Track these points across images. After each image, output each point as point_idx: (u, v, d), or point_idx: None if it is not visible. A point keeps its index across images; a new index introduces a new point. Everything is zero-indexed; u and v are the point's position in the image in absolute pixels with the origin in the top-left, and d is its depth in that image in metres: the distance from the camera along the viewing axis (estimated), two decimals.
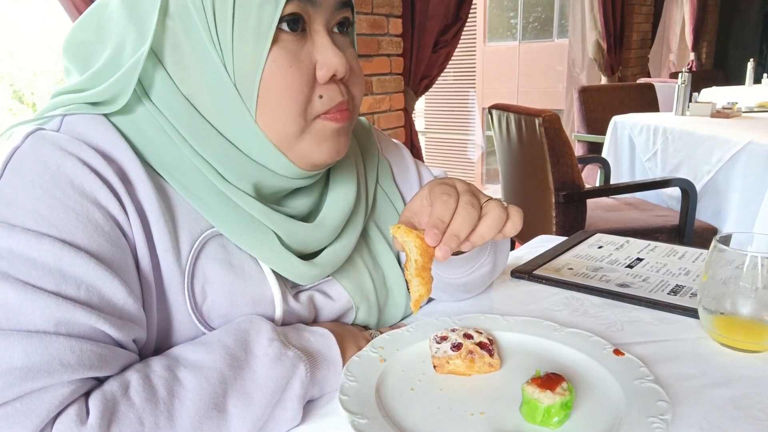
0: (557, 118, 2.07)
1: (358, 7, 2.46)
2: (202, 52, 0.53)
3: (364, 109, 2.61)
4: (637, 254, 0.99)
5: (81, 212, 0.49)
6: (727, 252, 0.65)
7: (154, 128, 0.55)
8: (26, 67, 5.04)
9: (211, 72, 0.53)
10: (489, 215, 0.57)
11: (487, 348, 0.61)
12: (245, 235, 0.58)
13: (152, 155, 0.55)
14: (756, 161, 2.09)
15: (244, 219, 0.58)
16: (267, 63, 0.52)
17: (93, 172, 0.50)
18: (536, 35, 9.96)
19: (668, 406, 0.52)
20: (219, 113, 0.55)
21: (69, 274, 0.46)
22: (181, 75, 0.54)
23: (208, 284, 0.56)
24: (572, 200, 2.10)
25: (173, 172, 0.56)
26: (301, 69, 0.54)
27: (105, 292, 0.48)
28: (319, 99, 0.56)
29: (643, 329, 0.72)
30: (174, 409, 0.47)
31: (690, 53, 6.51)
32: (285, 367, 0.53)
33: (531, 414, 0.52)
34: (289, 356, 0.54)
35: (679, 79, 3.01)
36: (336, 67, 0.54)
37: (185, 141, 0.55)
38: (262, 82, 0.53)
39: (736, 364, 0.63)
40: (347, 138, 0.61)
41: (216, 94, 0.54)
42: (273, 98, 0.53)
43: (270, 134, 0.55)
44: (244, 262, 0.59)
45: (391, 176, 0.79)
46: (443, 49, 2.98)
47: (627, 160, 2.97)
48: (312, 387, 0.56)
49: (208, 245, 0.57)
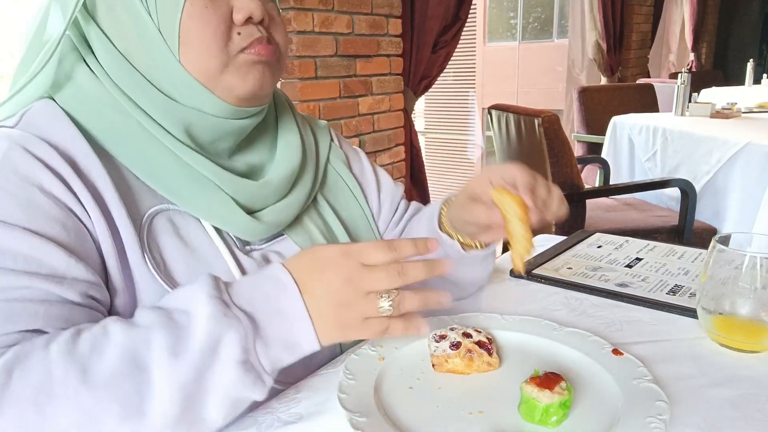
0: (557, 119, 2.07)
1: (358, 7, 2.46)
2: (131, 6, 0.59)
3: (364, 110, 2.62)
4: (636, 254, 0.99)
5: (21, 195, 0.53)
6: (726, 252, 0.65)
7: (96, 91, 0.60)
8: None
9: (138, 21, 0.59)
10: (555, 195, 0.67)
11: (486, 347, 0.61)
12: (191, 194, 0.62)
13: (98, 127, 0.60)
14: (755, 162, 2.09)
15: (190, 177, 0.62)
16: (185, 6, 0.58)
17: (37, 160, 0.55)
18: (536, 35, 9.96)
19: (667, 406, 0.52)
20: (149, 60, 0.60)
21: (6, 249, 0.50)
22: (113, 29, 0.60)
23: (164, 251, 0.60)
24: (572, 200, 2.11)
25: (119, 140, 0.61)
26: (217, 11, 0.59)
27: (42, 257, 0.51)
28: (237, 36, 0.61)
29: (642, 329, 0.72)
30: (91, 363, 0.45)
31: (690, 54, 6.51)
32: (219, 328, 0.47)
33: (529, 413, 0.52)
34: (228, 315, 0.48)
35: (679, 80, 3.01)
36: (251, 10, 0.60)
37: (124, 95, 0.60)
38: (182, 23, 0.58)
39: (735, 364, 0.63)
40: (272, 75, 0.65)
41: (144, 42, 0.60)
42: (193, 37, 0.59)
43: (194, 72, 0.60)
44: (191, 233, 0.63)
45: (346, 164, 0.83)
46: (443, 50, 2.98)
47: (626, 160, 2.96)
48: (266, 349, 0.49)
49: (156, 220, 0.61)
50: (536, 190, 0.65)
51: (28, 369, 0.44)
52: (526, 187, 0.64)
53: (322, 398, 0.58)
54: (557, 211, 0.67)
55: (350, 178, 0.82)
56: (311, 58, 2.29)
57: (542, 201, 0.65)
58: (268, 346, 0.50)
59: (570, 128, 4.50)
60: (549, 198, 0.66)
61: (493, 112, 2.47)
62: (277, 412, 0.57)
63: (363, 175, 0.86)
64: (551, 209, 0.66)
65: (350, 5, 2.43)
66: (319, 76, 2.34)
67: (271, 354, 0.50)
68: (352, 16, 2.46)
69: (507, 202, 0.63)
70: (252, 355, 0.49)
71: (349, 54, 2.47)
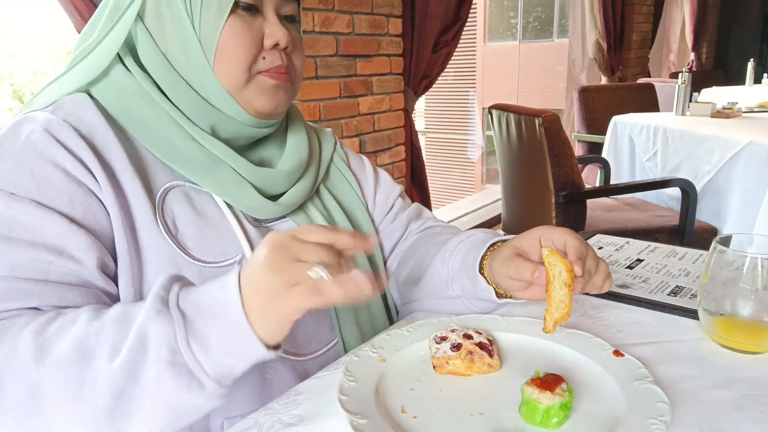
0: (557, 118, 2.07)
1: (358, 7, 2.46)
2: (178, 16, 0.67)
3: (364, 109, 2.62)
4: (637, 255, 0.99)
5: (35, 169, 0.60)
6: (727, 253, 0.65)
7: (130, 85, 0.68)
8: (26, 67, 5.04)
9: (183, 31, 0.67)
10: (602, 270, 0.66)
11: (487, 348, 0.61)
12: (208, 173, 0.69)
13: (125, 114, 0.68)
14: (756, 161, 2.09)
15: (209, 159, 0.70)
16: (225, 27, 0.67)
17: (54, 138, 0.62)
18: (536, 35, 9.96)
19: (668, 408, 0.52)
20: (187, 64, 0.69)
21: (15, 219, 0.57)
22: (159, 33, 0.69)
23: (178, 220, 0.67)
24: (572, 200, 2.10)
25: (144, 126, 0.68)
26: (251, 35, 0.68)
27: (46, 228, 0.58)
28: (263, 59, 0.70)
29: (643, 330, 0.71)
30: (50, 344, 0.50)
31: (690, 53, 6.51)
32: (147, 325, 0.48)
33: (530, 415, 0.52)
34: (161, 313, 0.49)
35: (679, 79, 3.01)
36: (279, 37, 0.69)
37: (161, 93, 0.69)
38: (220, 41, 0.67)
39: (736, 365, 0.63)
40: (286, 96, 0.74)
41: (185, 49, 0.68)
42: (227, 53, 0.68)
43: (223, 81, 0.69)
44: (204, 205, 0.69)
45: (346, 162, 0.91)
46: (443, 49, 2.97)
47: (627, 160, 2.96)
48: (204, 351, 0.48)
49: (171, 193, 0.68)
50: (586, 260, 0.64)
51: (0, 343, 0.50)
52: (577, 255, 0.64)
53: (322, 400, 0.58)
54: (601, 286, 0.66)
55: (349, 174, 0.90)
56: (311, 58, 2.29)
57: (589, 273, 0.65)
58: (207, 348, 0.48)
59: (570, 128, 4.50)
60: (596, 272, 0.65)
61: (493, 111, 2.47)
62: (278, 413, 0.57)
63: (363, 172, 0.93)
64: (596, 284, 0.66)
65: (350, 5, 2.43)
66: (320, 75, 2.34)
67: (213, 357, 0.48)
68: (353, 16, 2.46)
69: (557, 265, 0.62)
70: (183, 355, 0.48)
71: (349, 54, 2.47)
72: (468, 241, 0.78)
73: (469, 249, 0.76)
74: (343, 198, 0.87)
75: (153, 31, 0.69)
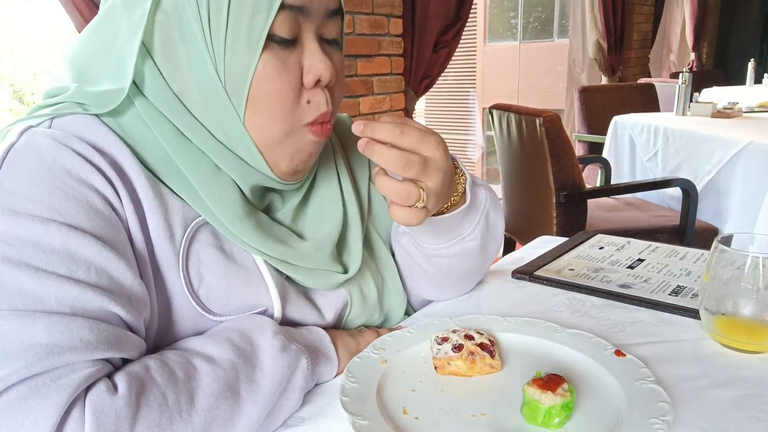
0: (558, 118, 2.07)
1: (359, 7, 2.46)
2: (195, 53, 0.54)
3: (365, 109, 2.62)
4: (638, 255, 0.99)
5: (80, 198, 0.50)
6: (728, 253, 0.65)
7: (144, 128, 0.56)
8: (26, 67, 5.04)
9: (202, 72, 0.54)
10: (402, 188, 0.55)
11: (488, 349, 0.61)
12: (236, 220, 0.58)
13: (143, 153, 0.56)
14: (757, 161, 2.09)
15: (235, 206, 0.59)
16: (257, 68, 0.54)
17: (87, 161, 0.52)
18: (536, 35, 9.96)
19: (669, 407, 0.52)
20: (208, 112, 0.56)
21: (78, 257, 0.47)
22: (172, 71, 0.55)
23: (204, 267, 0.57)
24: (573, 200, 2.10)
25: (165, 169, 0.57)
26: (289, 75, 0.55)
27: (113, 273, 0.49)
28: (306, 104, 0.57)
29: (645, 330, 0.71)
30: (193, 389, 0.49)
31: (690, 53, 6.50)
32: (289, 359, 0.56)
33: (532, 415, 0.52)
34: (293, 349, 0.57)
35: (680, 79, 3.01)
36: (321, 72, 0.56)
37: (180, 133, 0.56)
38: (252, 86, 0.54)
39: (738, 365, 0.63)
40: (319, 149, 0.63)
41: (206, 94, 0.55)
42: (262, 103, 0.55)
43: (255, 136, 0.57)
44: (234, 248, 0.60)
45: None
46: (444, 49, 2.98)
47: (628, 160, 2.96)
48: (311, 380, 0.59)
49: (200, 231, 0.58)
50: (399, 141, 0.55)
51: (146, 392, 0.46)
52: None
53: (324, 401, 0.58)
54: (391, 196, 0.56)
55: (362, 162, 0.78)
56: None
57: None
58: (312, 376, 0.59)
59: (571, 128, 4.50)
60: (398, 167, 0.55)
61: (494, 111, 2.46)
62: None
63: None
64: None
65: (351, 5, 2.43)
66: None
67: (311, 385, 0.59)
68: (353, 16, 2.46)
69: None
70: (308, 382, 0.58)
71: (350, 54, 2.47)
72: None
73: None
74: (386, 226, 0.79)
75: (158, 60, 0.55)
